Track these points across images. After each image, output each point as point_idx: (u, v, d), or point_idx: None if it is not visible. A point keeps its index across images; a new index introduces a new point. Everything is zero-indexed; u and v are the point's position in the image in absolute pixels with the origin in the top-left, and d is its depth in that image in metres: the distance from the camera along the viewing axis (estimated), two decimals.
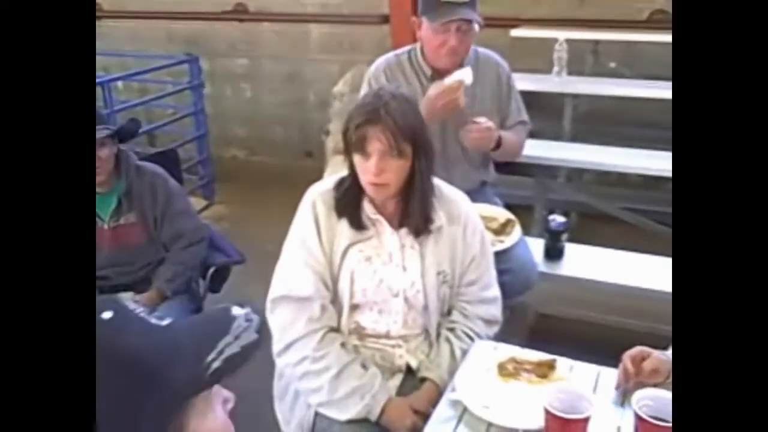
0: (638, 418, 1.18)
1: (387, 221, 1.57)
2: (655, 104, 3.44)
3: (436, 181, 1.61)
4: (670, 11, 3.74)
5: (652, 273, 2.16)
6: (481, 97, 2.18)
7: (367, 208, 1.56)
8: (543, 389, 1.29)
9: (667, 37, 3.50)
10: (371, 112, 1.46)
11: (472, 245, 1.62)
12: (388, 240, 1.57)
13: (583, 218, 3.41)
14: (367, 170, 1.48)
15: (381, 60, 2.22)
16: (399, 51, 2.24)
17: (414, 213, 1.55)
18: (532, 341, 2.28)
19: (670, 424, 1.17)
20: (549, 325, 2.48)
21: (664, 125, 3.46)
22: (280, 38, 4.72)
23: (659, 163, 2.85)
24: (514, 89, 2.29)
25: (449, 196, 1.63)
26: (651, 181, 3.39)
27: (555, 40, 3.42)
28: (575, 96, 3.33)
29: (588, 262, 2.20)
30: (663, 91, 3.27)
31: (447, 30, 2.03)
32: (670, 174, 2.86)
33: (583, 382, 1.38)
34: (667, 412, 1.19)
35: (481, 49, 2.21)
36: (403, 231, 1.57)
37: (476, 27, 2.06)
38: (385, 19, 3.96)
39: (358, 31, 4.36)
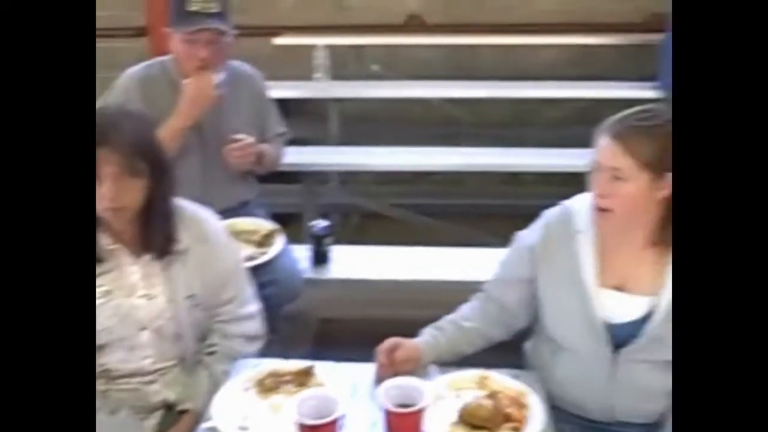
0: (383, 409, 1.21)
1: (127, 249, 1.46)
2: (417, 103, 3.67)
3: (179, 201, 1.53)
4: (422, 15, 4.00)
5: (418, 264, 2.27)
6: (238, 112, 2.13)
7: (102, 239, 1.44)
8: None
9: (423, 39, 3.75)
10: (98, 133, 1.34)
11: (223, 263, 1.56)
12: (129, 270, 1.46)
13: (365, 219, 3.51)
14: (101, 196, 1.36)
15: (132, 72, 2.09)
16: (150, 62, 2.13)
17: (156, 237, 1.46)
18: (316, 349, 2.27)
19: (414, 408, 1.22)
20: (332, 329, 2.50)
21: (426, 123, 3.74)
22: None
23: (425, 158, 3.03)
24: (270, 101, 2.28)
25: (194, 215, 1.56)
26: (413, 177, 3.57)
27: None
28: (339, 100, 3.42)
29: (355, 262, 2.24)
30: (424, 90, 3.49)
31: (196, 41, 1.96)
32: (436, 168, 3.07)
33: (341, 384, 1.39)
34: (413, 397, 1.24)
35: (235, 62, 2.16)
36: (146, 258, 1.47)
37: (228, 38, 2.01)
38: (141, 32, 3.74)
39: (114, 46, 4.06)
